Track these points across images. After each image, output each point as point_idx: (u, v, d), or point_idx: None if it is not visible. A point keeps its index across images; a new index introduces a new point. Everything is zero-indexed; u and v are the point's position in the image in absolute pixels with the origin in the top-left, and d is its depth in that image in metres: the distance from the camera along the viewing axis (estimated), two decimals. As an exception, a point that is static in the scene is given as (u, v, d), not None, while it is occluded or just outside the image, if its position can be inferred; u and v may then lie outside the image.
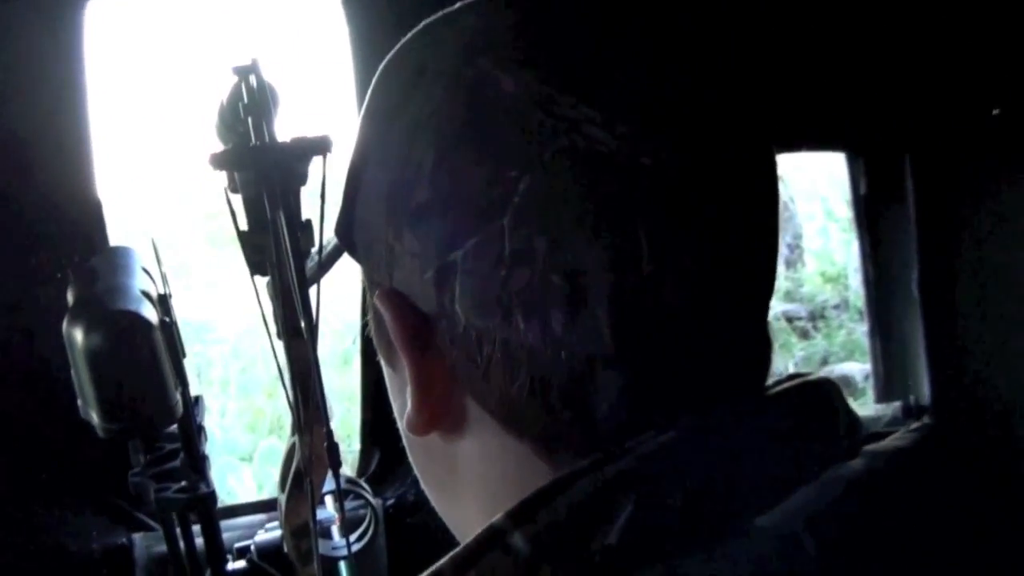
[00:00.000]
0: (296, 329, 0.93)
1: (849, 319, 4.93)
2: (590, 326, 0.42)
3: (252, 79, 0.64)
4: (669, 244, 0.42)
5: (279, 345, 0.76)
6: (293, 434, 1.00)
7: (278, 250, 0.71)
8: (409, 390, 0.49)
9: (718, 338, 0.45)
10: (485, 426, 0.48)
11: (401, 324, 0.48)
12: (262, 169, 0.63)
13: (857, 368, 4.66)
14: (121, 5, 1.44)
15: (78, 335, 0.74)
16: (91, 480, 1.53)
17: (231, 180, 0.88)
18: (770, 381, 0.49)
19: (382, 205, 0.48)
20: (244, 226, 0.82)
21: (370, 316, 0.54)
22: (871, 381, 1.63)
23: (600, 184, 0.42)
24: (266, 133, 0.61)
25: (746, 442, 0.43)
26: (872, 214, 1.59)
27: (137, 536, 1.50)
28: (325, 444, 0.63)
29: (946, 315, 1.53)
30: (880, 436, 0.49)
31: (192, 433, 0.83)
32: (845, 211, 4.94)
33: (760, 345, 0.49)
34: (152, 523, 1.57)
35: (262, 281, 0.84)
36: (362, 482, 1.14)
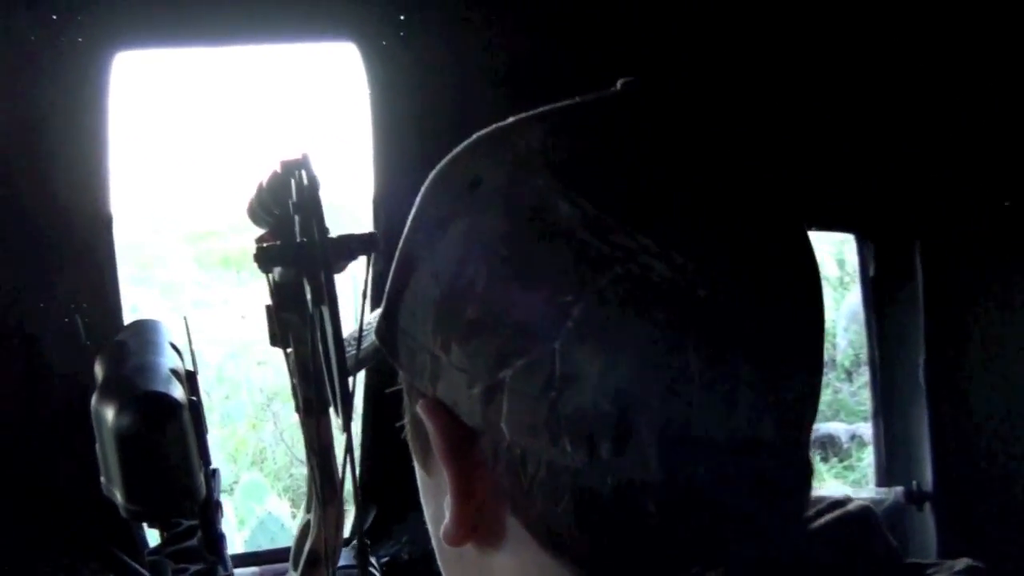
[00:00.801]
0: (311, 409, 0.94)
1: (836, 378, 4.96)
2: (638, 453, 0.42)
3: (302, 175, 0.64)
4: (719, 374, 0.42)
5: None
6: (308, 511, 0.99)
7: (313, 338, 0.72)
8: (447, 500, 0.49)
9: (763, 467, 0.45)
10: (523, 542, 0.47)
11: (444, 435, 0.47)
12: (308, 267, 0.64)
13: (843, 428, 4.68)
14: (148, 57, 1.49)
15: (108, 414, 0.73)
16: (83, 524, 1.52)
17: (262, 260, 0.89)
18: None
19: (430, 316, 0.48)
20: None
21: (406, 420, 0.54)
22: (855, 442, 1.63)
23: (654, 314, 0.42)
24: (315, 231, 0.61)
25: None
26: (880, 297, 1.60)
27: (127, 584, 1.48)
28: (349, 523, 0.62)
29: (952, 402, 1.53)
30: (920, 568, 0.49)
31: (211, 513, 0.82)
32: (835, 269, 4.99)
33: (801, 471, 0.49)
34: (142, 571, 1.55)
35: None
36: (373, 560, 1.13)
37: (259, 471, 4.56)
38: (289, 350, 1.00)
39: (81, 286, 1.45)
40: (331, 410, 0.87)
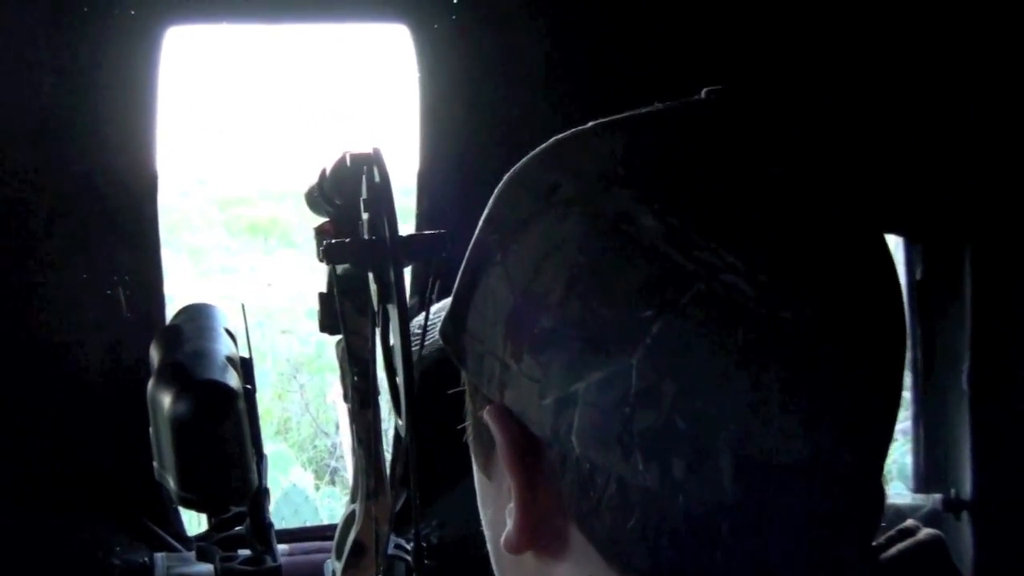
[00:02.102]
0: (364, 401, 0.94)
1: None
2: (712, 474, 0.41)
3: (374, 171, 0.63)
4: (798, 396, 0.41)
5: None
6: (353, 501, 1.00)
7: (373, 334, 0.72)
8: (510, 507, 0.48)
9: (838, 494, 0.44)
10: (586, 555, 0.47)
11: (511, 443, 0.47)
12: (376, 265, 0.64)
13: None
14: (199, 31, 1.50)
15: (164, 401, 0.74)
16: (118, 495, 1.54)
17: (319, 250, 0.89)
18: None
19: (501, 322, 0.47)
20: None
21: (468, 423, 0.54)
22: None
23: (736, 333, 0.41)
24: (386, 230, 0.60)
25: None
26: (926, 302, 1.58)
27: (159, 556, 1.50)
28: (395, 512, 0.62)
29: (996, 409, 1.52)
30: None
31: (261, 501, 0.82)
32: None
33: (876, 499, 0.48)
34: (175, 543, 1.57)
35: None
36: (402, 542, 1.14)
37: (283, 441, 4.59)
38: (340, 338, 1.01)
39: (125, 259, 1.47)
40: (382, 402, 0.88)
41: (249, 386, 0.79)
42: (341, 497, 4.12)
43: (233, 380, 0.76)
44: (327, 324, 0.98)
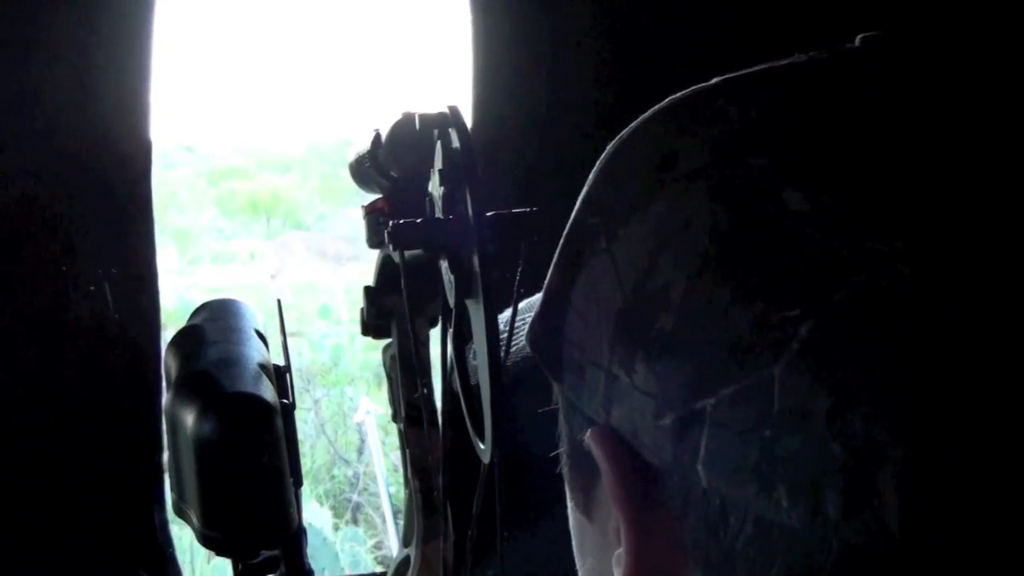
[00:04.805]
0: (416, 419, 0.95)
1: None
2: (874, 511, 0.41)
3: (452, 135, 0.63)
4: (979, 418, 0.40)
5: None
6: (406, 545, 1.01)
7: (444, 340, 0.72)
8: (618, 554, 0.49)
9: (1012, 532, 0.44)
10: None
11: (620, 475, 0.47)
12: (453, 250, 0.64)
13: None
14: None
15: (187, 418, 0.74)
16: (102, 538, 1.57)
17: (371, 233, 0.90)
18: None
19: (607, 324, 0.48)
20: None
21: (563, 449, 0.54)
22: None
23: (905, 335, 0.40)
24: (468, 206, 0.61)
25: None
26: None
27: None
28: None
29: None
30: None
31: (299, 543, 0.83)
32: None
33: None
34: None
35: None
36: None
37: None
38: (387, 343, 1.02)
39: (111, 246, 1.49)
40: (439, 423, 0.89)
41: (286, 400, 0.80)
42: (366, 541, 4.15)
43: (268, 393, 0.76)
44: (374, 325, 1.00)
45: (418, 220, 0.67)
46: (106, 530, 1.53)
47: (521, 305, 0.67)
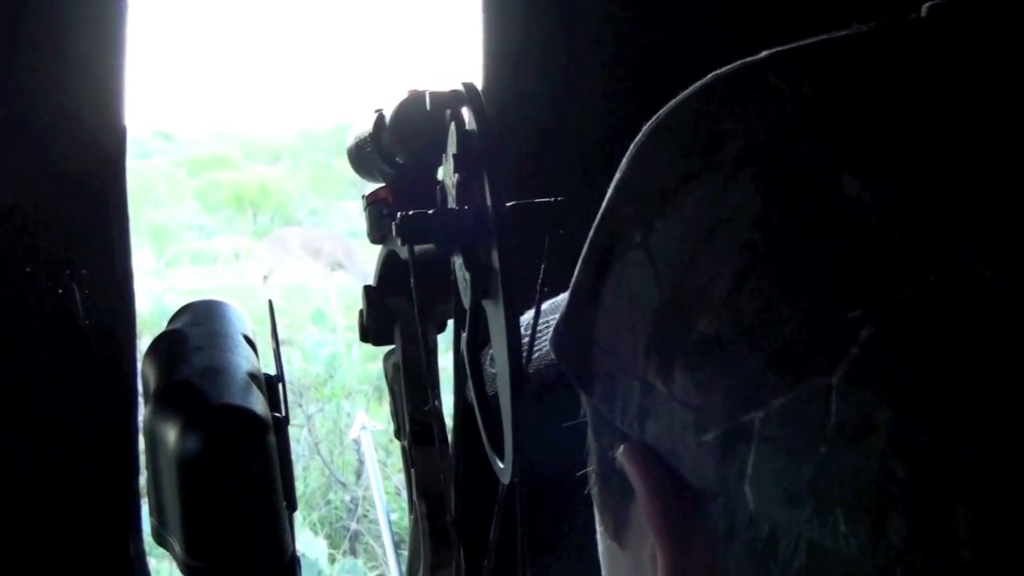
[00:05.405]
0: (422, 436, 0.93)
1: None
2: (943, 537, 0.40)
3: (463, 115, 0.62)
4: None
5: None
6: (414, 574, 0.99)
7: (456, 345, 0.70)
8: None
9: None
10: None
11: (656, 495, 0.47)
12: (468, 244, 0.63)
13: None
14: None
15: (168, 433, 0.73)
16: (78, 552, 1.56)
17: (373, 226, 0.88)
18: None
19: (642, 327, 0.47)
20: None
21: (592, 468, 0.53)
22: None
23: (981, 340, 0.39)
24: (487, 196, 0.59)
25: None
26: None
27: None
28: None
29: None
30: None
31: (293, 573, 0.81)
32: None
33: None
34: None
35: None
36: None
37: (284, 495, 4.70)
38: (389, 351, 1.01)
39: (82, 245, 1.48)
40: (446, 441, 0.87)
41: (279, 413, 0.78)
42: (366, 573, 4.19)
43: (259, 405, 0.76)
44: (374, 330, 0.98)
45: (429, 211, 0.65)
46: (76, 563, 1.52)
47: (545, 306, 0.66)
